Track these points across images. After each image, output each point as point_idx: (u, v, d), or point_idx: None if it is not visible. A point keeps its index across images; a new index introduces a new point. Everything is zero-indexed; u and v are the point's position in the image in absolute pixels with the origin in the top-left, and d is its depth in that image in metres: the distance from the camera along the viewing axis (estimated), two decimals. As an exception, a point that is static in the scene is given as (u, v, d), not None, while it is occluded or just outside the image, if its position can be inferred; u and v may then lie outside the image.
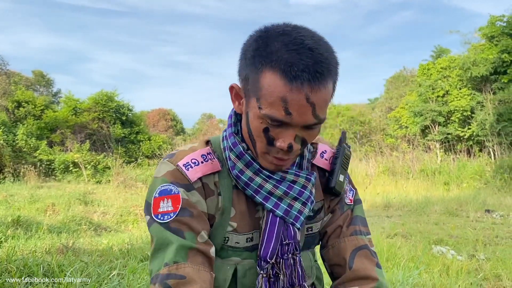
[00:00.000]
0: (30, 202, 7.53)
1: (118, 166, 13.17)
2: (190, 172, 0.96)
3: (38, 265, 3.10)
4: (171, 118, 30.77)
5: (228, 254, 1.01)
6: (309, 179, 1.01)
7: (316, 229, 1.09)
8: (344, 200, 1.10)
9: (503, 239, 5.33)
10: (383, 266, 3.58)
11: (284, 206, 0.98)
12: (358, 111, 21.12)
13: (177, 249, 0.90)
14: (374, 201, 9.17)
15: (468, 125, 15.56)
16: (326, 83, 0.86)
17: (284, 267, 0.97)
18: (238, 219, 1.00)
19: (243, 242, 1.01)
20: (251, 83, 0.89)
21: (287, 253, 0.98)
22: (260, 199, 0.98)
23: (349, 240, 1.06)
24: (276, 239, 0.97)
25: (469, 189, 11.24)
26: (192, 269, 0.89)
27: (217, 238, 0.99)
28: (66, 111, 17.23)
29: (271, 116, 0.86)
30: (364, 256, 1.04)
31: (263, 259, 0.97)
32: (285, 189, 0.98)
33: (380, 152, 16.76)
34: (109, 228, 6.16)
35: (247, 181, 0.98)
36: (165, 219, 0.93)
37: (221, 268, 1.00)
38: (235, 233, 1.00)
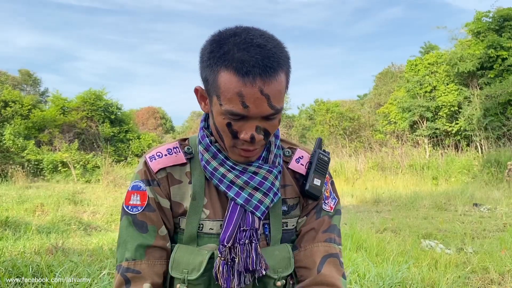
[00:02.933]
0: (19, 203, 7.45)
1: (108, 165, 13.07)
2: (152, 164, 1.08)
3: (27, 266, 3.07)
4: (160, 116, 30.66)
5: (204, 241, 1.07)
6: (271, 171, 1.06)
7: (291, 226, 1.13)
8: (322, 206, 1.14)
9: (490, 232, 5.40)
10: (373, 261, 3.62)
11: (244, 195, 1.04)
12: (347, 107, 21.21)
13: (137, 248, 1.04)
14: (363, 197, 9.23)
15: (456, 120, 15.72)
16: (277, 75, 0.93)
17: (240, 252, 1.02)
18: (210, 206, 1.08)
19: (216, 228, 1.07)
20: (210, 83, 0.97)
21: (244, 239, 1.03)
22: (224, 188, 1.05)
23: (322, 246, 1.10)
24: (234, 225, 1.03)
25: (457, 183, 11.37)
26: (148, 266, 1.04)
27: (192, 226, 1.06)
28: (54, 111, 17.06)
29: (231, 111, 0.93)
30: (333, 264, 1.09)
31: (221, 243, 1.03)
32: (246, 179, 1.04)
33: (369, 147, 16.87)
34: (99, 228, 6.12)
35: (213, 171, 1.06)
36: (134, 211, 1.06)
37: (198, 253, 1.05)
38: (208, 220, 1.07)
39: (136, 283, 1.02)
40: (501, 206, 7.21)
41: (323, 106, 21.08)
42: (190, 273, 1.03)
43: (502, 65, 14.65)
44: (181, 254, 1.05)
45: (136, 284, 1.02)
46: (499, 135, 14.11)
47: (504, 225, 5.79)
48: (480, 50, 14.73)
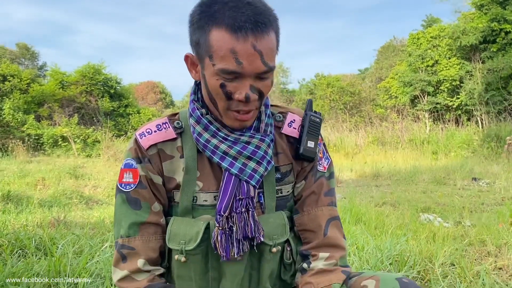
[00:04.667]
0: (20, 177, 7.49)
1: (108, 140, 13.09)
2: (143, 141, 1.09)
3: (30, 239, 3.11)
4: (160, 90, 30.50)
5: (199, 212, 1.09)
6: (263, 140, 1.08)
7: (286, 192, 1.16)
8: (317, 167, 1.17)
9: (488, 206, 5.45)
10: (372, 234, 3.66)
11: (238, 165, 1.06)
12: (348, 82, 21.07)
13: (130, 225, 1.08)
14: (363, 171, 9.27)
15: (457, 94, 15.64)
16: (268, 31, 0.95)
17: (237, 220, 1.05)
18: (203, 179, 1.10)
19: (210, 200, 1.09)
20: (202, 45, 0.97)
21: (240, 208, 1.05)
22: (217, 159, 1.07)
23: (326, 209, 1.16)
24: (230, 195, 1.05)
25: (456, 158, 11.40)
26: (142, 242, 1.08)
27: (186, 199, 1.09)
28: (53, 85, 16.95)
29: (224, 69, 0.94)
30: (336, 227, 1.16)
31: (218, 212, 1.05)
32: (239, 149, 1.06)
33: (369, 122, 16.85)
34: (101, 202, 6.16)
35: (205, 143, 1.07)
36: (127, 188, 1.09)
37: (194, 224, 1.07)
38: (202, 192, 1.09)
39: (131, 259, 1.07)
40: (500, 181, 7.25)
41: (323, 81, 20.94)
42: (187, 244, 1.05)
43: (505, 38, 14.47)
44: (177, 226, 1.07)
45: (131, 260, 1.07)
46: (500, 109, 14.07)
47: (502, 199, 5.83)
48: (483, 24, 14.53)
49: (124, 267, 1.06)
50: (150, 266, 1.07)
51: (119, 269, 1.07)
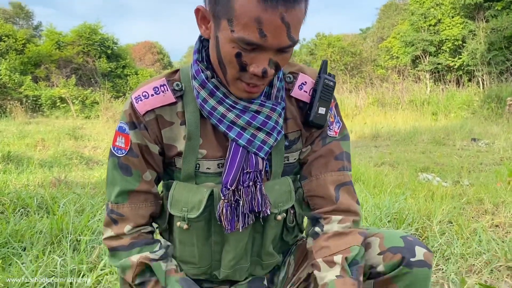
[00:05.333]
0: (19, 138, 7.48)
1: (106, 101, 13.01)
2: (139, 105, 1.01)
3: (31, 198, 3.13)
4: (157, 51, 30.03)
5: (202, 179, 1.04)
6: (274, 109, 1.00)
7: (293, 159, 1.10)
8: (327, 132, 1.10)
9: (487, 165, 5.47)
10: (371, 193, 3.69)
11: (247, 136, 0.99)
12: (349, 42, 20.73)
13: (119, 192, 1.04)
14: (362, 132, 9.27)
15: (459, 54, 15.43)
16: (300, 2, 0.84)
17: (244, 194, 1.00)
18: (207, 146, 1.03)
19: (214, 167, 1.04)
20: (221, 3, 0.85)
21: (248, 181, 1.00)
22: (224, 128, 0.99)
23: (336, 175, 1.08)
24: (237, 167, 1.00)
25: (456, 118, 11.38)
26: (130, 209, 1.05)
27: (189, 166, 1.03)
28: (49, 45, 16.68)
29: (245, 39, 0.84)
30: (347, 192, 1.09)
31: (224, 185, 1.00)
32: (248, 119, 0.98)
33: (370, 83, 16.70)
34: (101, 162, 6.18)
35: (211, 110, 0.99)
36: (119, 153, 1.04)
37: (197, 191, 1.03)
38: (205, 159, 1.03)
39: (120, 224, 1.05)
40: (499, 141, 7.26)
41: (324, 41, 20.60)
42: (190, 211, 1.02)
43: (510, -4, 14.14)
44: (179, 192, 1.03)
45: (119, 225, 1.05)
46: (502, 70, 13.91)
47: (501, 159, 5.86)
48: (488, -19, 14.14)
49: (113, 229, 1.06)
50: (136, 229, 1.06)
51: (109, 229, 1.07)
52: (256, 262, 1.14)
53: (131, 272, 1.02)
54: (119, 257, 1.05)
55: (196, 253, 1.08)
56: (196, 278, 1.11)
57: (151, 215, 1.08)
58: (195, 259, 1.09)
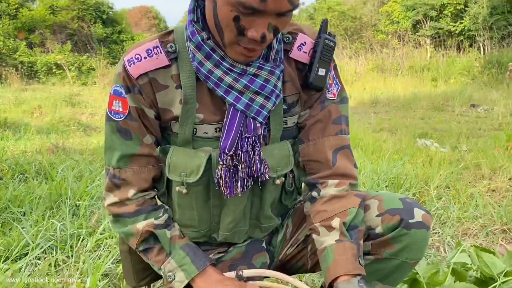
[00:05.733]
0: (16, 105, 7.44)
1: (103, 68, 12.86)
2: (132, 69, 0.98)
3: (29, 164, 3.13)
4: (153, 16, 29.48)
5: (199, 144, 1.03)
6: (273, 72, 0.97)
7: (291, 123, 1.09)
8: (326, 95, 1.07)
9: (485, 131, 5.47)
10: (369, 158, 3.70)
11: (245, 100, 0.97)
12: (350, 6, 20.33)
13: (120, 157, 1.03)
14: (361, 98, 9.22)
15: (460, 19, 15.16)
16: None
17: (243, 159, 0.99)
18: (204, 110, 1.01)
19: (211, 132, 1.02)
20: None
21: (246, 146, 0.99)
22: (221, 93, 0.97)
23: (334, 139, 1.07)
24: (235, 132, 0.98)
25: (456, 84, 11.30)
26: (133, 173, 1.04)
27: (186, 130, 1.01)
28: (43, 10, 16.33)
29: (244, 3, 0.81)
30: (345, 156, 1.07)
31: (223, 151, 0.98)
32: (246, 83, 0.96)
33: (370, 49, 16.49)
34: (99, 129, 6.16)
35: (207, 74, 0.96)
36: (117, 117, 1.02)
37: (194, 156, 1.02)
38: (202, 124, 1.01)
39: (123, 189, 1.04)
40: (498, 107, 7.24)
41: (324, 5, 20.19)
42: (188, 176, 1.01)
43: (515, -42, 13.77)
44: (177, 157, 1.02)
45: (123, 189, 1.04)
46: (503, 35, 13.70)
47: (500, 124, 5.85)
48: None
49: (116, 194, 1.05)
50: (140, 193, 1.05)
51: (112, 195, 1.05)
52: (255, 225, 1.15)
53: (135, 239, 1.03)
54: (123, 224, 1.05)
55: (195, 217, 1.08)
56: (195, 241, 1.12)
57: (153, 179, 1.07)
58: (194, 222, 1.09)
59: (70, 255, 1.84)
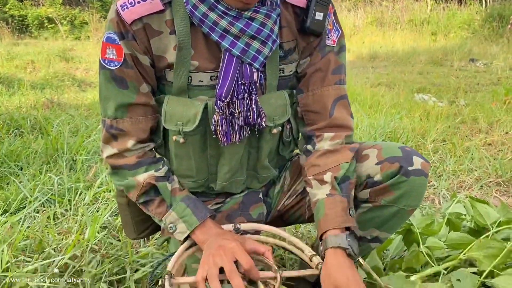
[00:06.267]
0: (8, 60, 7.28)
1: (96, 21, 12.54)
2: (125, 14, 0.94)
3: (24, 119, 3.11)
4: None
5: (195, 93, 1.01)
6: (269, 16, 0.95)
7: (288, 72, 1.07)
8: (325, 41, 1.05)
9: (484, 86, 5.44)
10: (367, 113, 3.69)
11: (241, 45, 0.95)
12: (349, -43, 19.67)
13: (117, 106, 1.00)
14: (360, 53, 9.09)
15: (463, -30, 14.73)
16: None
17: (239, 106, 0.98)
18: (199, 57, 0.99)
19: (206, 80, 1.00)
20: None
21: (242, 93, 0.97)
22: (216, 37, 0.95)
23: (333, 89, 1.07)
24: (231, 79, 0.96)
25: (456, 39, 11.12)
26: (131, 123, 1.02)
27: (181, 78, 0.99)
28: (31, -40, 15.71)
29: None
30: (343, 106, 1.08)
31: (219, 98, 0.97)
32: (242, 27, 0.94)
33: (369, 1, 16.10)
34: (94, 84, 6.07)
35: (202, 17, 0.94)
36: (111, 66, 0.98)
37: (191, 105, 1.00)
38: (197, 72, 0.99)
39: (121, 139, 1.03)
40: (498, 61, 7.15)
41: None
42: (185, 125, 1.00)
43: None
44: (173, 106, 1.00)
45: (121, 140, 1.03)
46: (506, -13, 13.36)
47: (499, 79, 5.80)
48: None
49: (114, 145, 1.03)
50: (140, 145, 1.04)
51: (110, 146, 1.04)
52: (253, 176, 1.15)
53: (136, 191, 1.03)
54: (123, 176, 1.04)
55: (193, 167, 1.08)
56: (193, 191, 1.12)
57: (151, 129, 1.06)
58: (192, 172, 1.09)
59: (69, 208, 1.86)
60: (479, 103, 4.17)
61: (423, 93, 4.95)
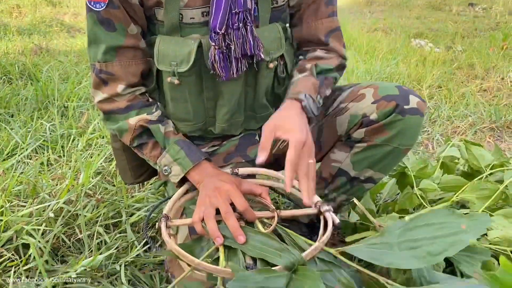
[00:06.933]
0: (-8, 4, 7.03)
1: (82, -37, 12.02)
2: None
3: (12, 65, 3.03)
4: None
5: (187, 31, 0.98)
6: None
7: (281, 2, 1.04)
8: None
9: (481, 31, 5.35)
10: (363, 59, 3.63)
11: None
12: None
13: (106, 50, 0.98)
14: (356, -3, 8.85)
15: None
16: None
17: (235, 37, 0.95)
18: None
19: (198, 17, 0.97)
20: None
21: (237, 23, 0.94)
22: None
23: (326, 22, 1.08)
24: (224, 8, 0.93)
25: (455, -18, 10.81)
26: (120, 67, 0.99)
27: (172, 16, 0.96)
28: None
29: None
30: (337, 38, 1.10)
31: (213, 30, 0.94)
32: None
33: None
34: (83, 30, 5.88)
35: None
36: (97, 7, 0.95)
37: (184, 44, 0.97)
38: (188, 8, 0.96)
39: (111, 84, 1.00)
40: (497, 6, 7.00)
41: None
42: (179, 65, 0.97)
43: None
44: (165, 46, 0.97)
45: (111, 85, 1.01)
46: None
47: (497, 24, 5.71)
48: None
49: (105, 90, 1.01)
50: (130, 89, 1.02)
51: (100, 91, 1.02)
52: (251, 116, 1.14)
53: (129, 135, 1.02)
54: (115, 120, 1.03)
55: (190, 110, 1.06)
56: (190, 135, 1.11)
57: (142, 74, 1.03)
58: (189, 115, 1.07)
59: (62, 154, 1.84)
60: (476, 48, 4.12)
61: (420, 39, 4.86)
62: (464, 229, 0.67)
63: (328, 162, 1.14)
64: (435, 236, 0.69)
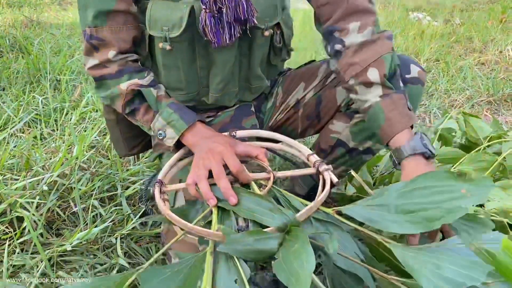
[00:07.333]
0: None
1: None
2: None
3: (3, 38, 2.96)
4: None
5: None
6: None
7: None
8: None
9: (480, 4, 5.28)
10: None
11: None
12: None
13: (96, 14, 0.95)
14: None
15: None
16: None
17: (227, 0, 0.91)
18: None
19: None
20: None
21: None
22: None
23: None
24: None
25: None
26: (111, 32, 0.97)
27: None
28: None
29: None
30: None
31: None
32: None
33: None
34: (75, 2, 5.78)
35: None
36: None
37: (176, 8, 0.94)
38: None
39: (102, 50, 0.98)
40: (497, -22, 6.89)
41: None
42: (171, 30, 0.94)
43: None
44: (157, 10, 0.94)
45: (102, 51, 0.98)
46: None
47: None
48: None
49: (96, 56, 0.99)
50: (121, 55, 0.99)
51: (91, 58, 0.99)
52: (245, 87, 1.11)
53: (121, 100, 0.99)
54: (107, 86, 1.00)
55: (182, 78, 1.03)
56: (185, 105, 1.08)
57: (134, 41, 1.00)
58: (182, 84, 1.04)
59: (55, 128, 1.82)
60: (474, 21, 4.07)
61: (418, 12, 4.80)
62: (464, 194, 0.65)
63: (327, 133, 1.12)
64: (434, 201, 0.66)
